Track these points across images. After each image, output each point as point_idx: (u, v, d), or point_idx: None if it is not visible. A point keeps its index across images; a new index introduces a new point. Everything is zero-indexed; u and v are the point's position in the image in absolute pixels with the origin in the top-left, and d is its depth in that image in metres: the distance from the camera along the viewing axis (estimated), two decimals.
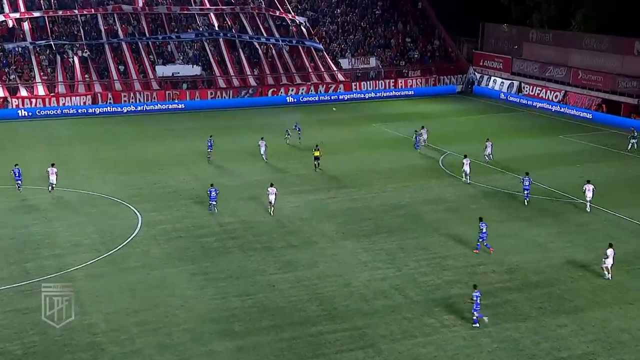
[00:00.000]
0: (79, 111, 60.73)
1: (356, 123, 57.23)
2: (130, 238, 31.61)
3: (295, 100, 67.23)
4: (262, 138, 45.02)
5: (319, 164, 42.34)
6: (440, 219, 34.45)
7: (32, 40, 65.00)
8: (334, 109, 62.86)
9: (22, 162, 44.05)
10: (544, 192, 38.44)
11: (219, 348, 22.50)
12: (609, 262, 27.65)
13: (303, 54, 71.46)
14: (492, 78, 71.97)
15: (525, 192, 36.14)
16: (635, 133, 48.29)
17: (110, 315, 24.49)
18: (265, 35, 71.99)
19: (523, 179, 36.33)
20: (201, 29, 71.07)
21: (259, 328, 23.77)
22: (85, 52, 65.55)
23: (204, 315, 24.58)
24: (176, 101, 64.07)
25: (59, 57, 64.18)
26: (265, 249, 30.67)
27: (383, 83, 71.69)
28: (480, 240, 30.17)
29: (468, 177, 39.83)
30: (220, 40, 70.18)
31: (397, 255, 29.93)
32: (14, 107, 59.66)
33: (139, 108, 62.47)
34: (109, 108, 62.01)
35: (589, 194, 34.70)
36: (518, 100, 66.73)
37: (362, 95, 69.88)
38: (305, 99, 67.46)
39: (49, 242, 31.03)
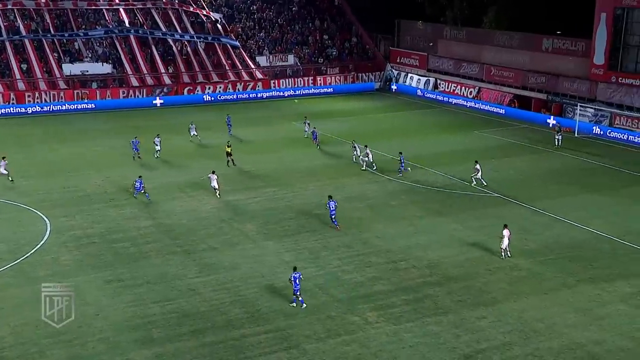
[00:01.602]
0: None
1: (275, 121, 56.82)
2: (39, 245, 30.04)
3: (212, 98, 66.05)
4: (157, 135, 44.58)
5: (232, 159, 42.08)
6: (361, 217, 34.55)
7: None
8: (295, 100, 62.78)
9: None
10: (461, 187, 39.26)
11: (137, 357, 21.71)
12: (505, 242, 29.03)
13: (219, 51, 70.34)
14: (409, 75, 73.20)
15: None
16: (560, 129, 50.14)
17: (18, 327, 23.23)
18: (179, 31, 70.35)
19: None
20: (110, 26, 68.59)
21: (179, 334, 23.09)
22: None
23: (120, 324, 23.65)
24: (85, 101, 61.57)
25: None
26: (184, 252, 29.79)
27: (302, 80, 71.59)
28: (332, 217, 32.20)
29: (367, 165, 41.60)
30: (132, 37, 68.01)
31: (321, 254, 29.79)
32: None
33: (45, 108, 59.77)
34: (11, 109, 58.97)
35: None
36: (434, 97, 68.16)
37: (281, 93, 69.49)
38: (223, 97, 66.42)
39: None
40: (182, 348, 22.22)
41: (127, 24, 69.39)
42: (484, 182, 38.96)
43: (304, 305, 25.02)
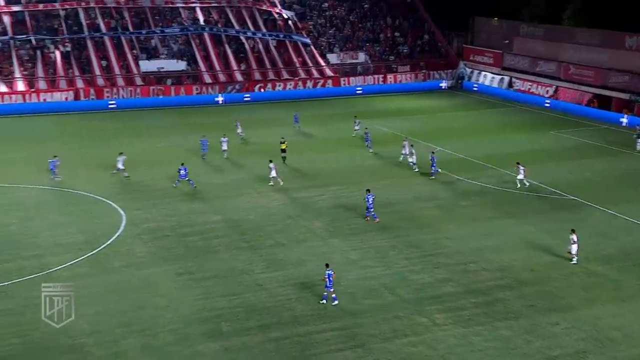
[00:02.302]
0: (61, 107, 59.59)
1: (344, 119, 56.62)
2: (114, 237, 30.93)
3: (281, 95, 66.48)
4: (224, 135, 44.55)
5: (283, 157, 42.40)
6: (432, 216, 34.05)
7: (12, 34, 63.78)
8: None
9: (2, 159, 43.39)
10: (535, 188, 38.13)
11: (205, 349, 22.00)
12: (574, 247, 28.03)
13: (290, 49, 70.81)
14: (483, 73, 71.66)
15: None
16: None
17: (94, 316, 23.88)
18: (252, 29, 71.22)
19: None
20: (186, 24, 70.15)
21: (246, 328, 23.29)
22: (67, 47, 64.46)
23: (189, 316, 24.04)
24: (160, 97, 63.17)
25: (39, 52, 63.05)
26: (251, 247, 30.10)
27: (372, 78, 71.19)
28: (370, 209, 32.38)
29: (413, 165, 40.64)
30: (206, 34, 69.34)
31: (388, 254, 29.49)
32: None
33: (122, 104, 61.50)
34: (91, 104, 60.88)
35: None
36: (509, 96, 66.45)
37: (351, 91, 69.29)
38: (293, 95, 66.74)
39: (29, 241, 30.30)
40: (248, 342, 22.41)
41: (201, 22, 70.78)
42: (525, 184, 37.68)
43: (336, 302, 24.86)
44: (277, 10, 73.80)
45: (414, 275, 27.42)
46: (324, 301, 24.90)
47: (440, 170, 40.25)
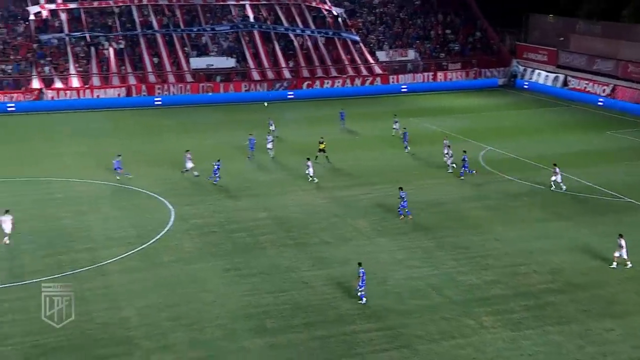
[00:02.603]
0: (113, 103, 60.87)
1: (390, 117, 56.17)
2: (164, 232, 31.37)
3: (331, 93, 66.45)
4: (268, 133, 44.42)
5: (326, 156, 41.95)
6: (480, 217, 33.48)
7: (68, 31, 65.46)
8: (265, 104, 57.94)
9: (58, 154, 44.58)
10: (589, 189, 37.12)
11: (251, 345, 22.12)
12: (623, 252, 27.24)
13: (339, 46, 70.69)
14: (537, 71, 70.14)
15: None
16: None
17: (143, 309, 24.28)
18: (301, 26, 71.37)
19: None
20: (236, 21, 70.77)
21: (291, 325, 23.32)
22: (120, 44, 65.81)
23: (236, 312, 24.21)
24: (210, 94, 63.88)
25: (93, 49, 64.53)
26: (297, 245, 30.12)
27: (422, 76, 70.50)
28: (402, 207, 32.31)
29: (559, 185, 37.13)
30: (255, 32, 69.81)
31: (435, 254, 29.13)
32: (49, 98, 60.11)
33: (172, 100, 62.43)
34: (143, 100, 61.91)
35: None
36: (563, 94, 64.85)
37: (400, 89, 68.77)
38: (341, 92, 66.62)
39: (83, 235, 30.98)
40: (294, 340, 22.43)
41: (251, 19, 71.29)
42: (562, 187, 36.48)
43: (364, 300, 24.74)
44: (327, 7, 73.75)
45: (461, 277, 27.00)
46: (363, 300, 24.76)
47: (474, 172, 39.40)
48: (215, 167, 37.73)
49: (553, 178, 36.77)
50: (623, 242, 27.43)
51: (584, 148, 46.35)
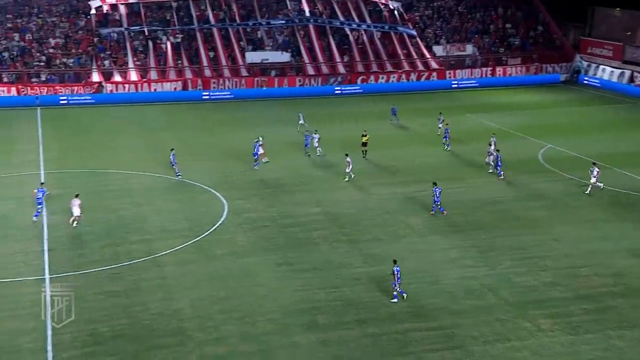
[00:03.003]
0: (170, 97, 61.81)
1: (449, 113, 55.20)
2: (217, 225, 31.62)
3: (386, 88, 65.92)
4: (315, 130, 43.53)
5: (365, 150, 41.75)
6: (538, 216, 32.60)
7: (127, 25, 66.80)
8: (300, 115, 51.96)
9: (115, 147, 45.50)
10: None
11: (303, 340, 22.08)
12: None
13: (395, 41, 69.97)
14: (601, 67, 67.89)
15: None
16: None
17: (196, 301, 24.51)
18: (356, 21, 70.93)
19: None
20: (292, 15, 70.84)
21: (343, 322, 23.17)
22: (178, 38, 66.76)
23: (288, 307, 24.19)
24: (264, 88, 64.17)
25: (151, 43, 65.65)
26: (350, 241, 29.91)
27: (480, 71, 69.16)
28: (436, 203, 31.95)
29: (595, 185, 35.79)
30: (311, 26, 69.73)
31: (490, 254, 28.47)
32: (108, 92, 61.48)
33: (227, 95, 62.99)
34: (198, 94, 62.65)
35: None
36: (629, 91, 62.60)
37: (457, 84, 67.64)
38: (396, 87, 66.00)
39: (139, 226, 31.51)
40: (345, 336, 22.27)
41: (307, 14, 71.24)
42: (600, 185, 35.06)
43: (397, 299, 24.40)
44: (383, 1, 73.06)
45: (518, 278, 26.31)
46: (396, 300, 24.39)
47: (502, 174, 37.86)
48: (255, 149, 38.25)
49: (592, 180, 35.05)
50: None
51: None
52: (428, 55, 69.56)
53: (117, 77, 62.82)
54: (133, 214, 32.99)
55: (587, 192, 35.13)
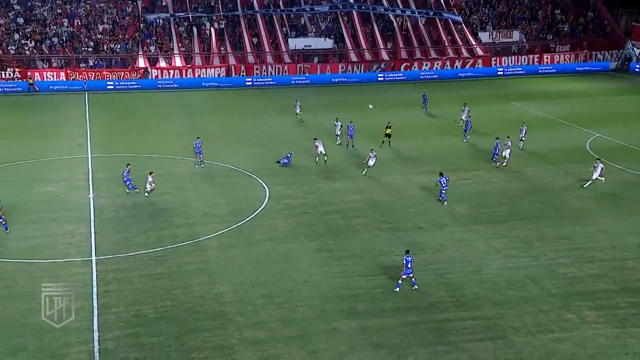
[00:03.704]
0: (214, 83, 62.30)
1: (495, 101, 54.41)
2: (258, 211, 31.83)
3: (430, 75, 65.19)
4: (336, 119, 42.78)
5: (389, 141, 41.17)
6: (585, 207, 31.91)
7: (172, 11, 67.45)
8: (370, 106, 50.72)
9: (160, 132, 46.12)
10: None
11: (342, 327, 22.09)
12: None
13: (440, 27, 69.02)
14: None
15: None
16: None
17: (237, 286, 24.77)
18: (401, 6, 70.15)
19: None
20: (335, 1, 70.45)
21: (383, 309, 23.12)
22: (222, 24, 67.13)
23: (327, 293, 24.24)
24: (307, 75, 64.10)
25: (195, 29, 66.19)
26: (391, 229, 29.76)
27: (526, 58, 67.73)
28: (443, 192, 31.92)
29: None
30: (354, 12, 69.25)
31: (534, 244, 28.00)
32: (154, 77, 62.31)
33: (270, 81, 63.17)
34: (241, 80, 62.97)
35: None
36: None
37: (503, 71, 66.41)
38: (441, 74, 65.18)
39: (182, 211, 31.93)
40: (385, 324, 22.23)
41: (351, 0, 70.78)
42: (601, 179, 33.59)
43: (399, 288, 24.25)
44: None
45: (562, 269, 25.83)
46: (398, 289, 24.17)
47: (497, 164, 37.29)
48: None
49: (594, 177, 33.68)
50: None
51: None
52: (473, 42, 68.43)
53: (162, 63, 63.60)
54: (176, 199, 33.45)
55: (586, 185, 33.81)
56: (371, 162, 36.31)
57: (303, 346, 21.12)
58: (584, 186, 34.27)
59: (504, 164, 37.24)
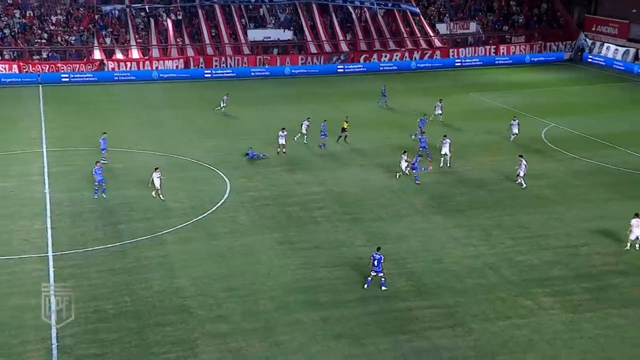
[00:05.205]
0: (172, 75, 61.51)
1: (452, 92, 55.00)
2: (219, 204, 31.63)
3: (387, 67, 65.55)
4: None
5: (345, 136, 40.59)
6: (541, 196, 32.60)
7: (128, 2, 66.29)
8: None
9: (117, 125, 45.34)
10: None
11: (305, 318, 22.18)
12: (637, 232, 26.35)
13: (398, 18, 69.39)
14: (606, 45, 67.34)
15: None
16: None
17: (198, 279, 24.60)
18: None
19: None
20: None
21: (345, 300, 23.26)
22: (179, 15, 66.26)
23: (290, 285, 24.28)
24: (266, 67, 63.82)
25: (152, 20, 65.19)
26: (352, 220, 29.92)
27: (483, 49, 68.66)
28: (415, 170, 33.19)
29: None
30: (313, 4, 69.11)
31: (493, 233, 28.51)
32: (110, 69, 61.19)
33: (229, 73, 62.68)
34: (200, 72, 62.19)
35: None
36: (634, 69, 62.18)
37: (460, 62, 67.20)
38: (399, 66, 65.60)
39: (141, 205, 31.49)
40: (347, 314, 22.36)
41: None
42: (523, 184, 33.24)
43: (367, 285, 23.91)
44: None
45: (519, 256, 26.38)
46: (367, 285, 23.96)
47: (423, 157, 36.78)
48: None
49: (520, 173, 33.20)
50: (635, 222, 26.58)
51: None
52: (431, 34, 69.04)
53: (119, 55, 62.50)
54: (135, 193, 32.95)
55: (519, 182, 33.47)
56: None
57: (265, 338, 21.12)
58: (522, 187, 33.47)
59: (448, 164, 36.49)
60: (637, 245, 26.81)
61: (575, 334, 21.23)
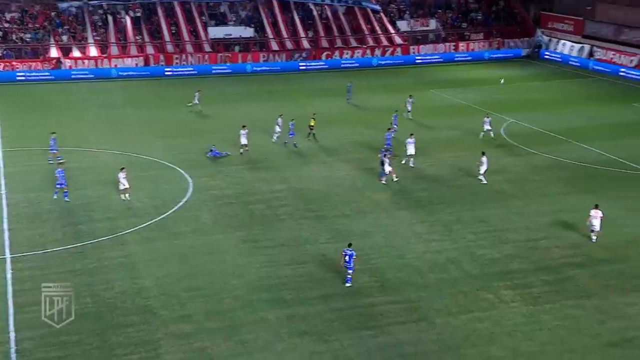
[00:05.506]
0: (131, 73, 60.67)
1: (414, 89, 55.33)
2: (181, 203, 31.34)
3: (349, 64, 65.77)
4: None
5: (313, 134, 40.66)
6: (501, 190, 33.12)
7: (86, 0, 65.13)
8: (501, 81, 55.97)
9: (75, 124, 44.53)
10: (614, 163, 36.48)
11: (269, 316, 22.13)
12: (595, 224, 26.95)
13: (359, 16, 69.66)
14: (561, 42, 68.72)
15: None
16: None
17: (161, 279, 24.35)
18: None
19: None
20: None
21: (309, 297, 23.30)
22: (138, 12, 65.34)
23: (254, 283, 24.20)
24: (227, 64, 63.40)
25: (110, 18, 64.15)
26: (316, 217, 29.96)
27: (443, 46, 69.37)
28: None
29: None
30: (274, 1, 68.89)
31: (454, 228, 28.86)
32: (67, 67, 60.01)
33: (190, 70, 62.10)
34: (160, 70, 61.54)
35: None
36: (589, 66, 63.58)
37: (421, 59, 67.80)
38: (359, 63, 65.85)
39: (101, 205, 31.03)
40: (312, 311, 22.40)
41: None
42: (483, 180, 33.59)
43: (349, 284, 23.99)
44: None
45: (480, 250, 26.76)
46: (349, 283, 24.02)
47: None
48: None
49: (482, 170, 33.65)
50: (595, 213, 27.18)
51: (610, 121, 45.55)
52: (392, 31, 69.49)
53: (76, 53, 61.34)
54: (95, 192, 32.44)
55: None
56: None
57: (230, 337, 21.02)
58: (482, 183, 33.77)
59: (410, 164, 36.37)
60: (593, 237, 27.43)
61: (535, 326, 21.62)
